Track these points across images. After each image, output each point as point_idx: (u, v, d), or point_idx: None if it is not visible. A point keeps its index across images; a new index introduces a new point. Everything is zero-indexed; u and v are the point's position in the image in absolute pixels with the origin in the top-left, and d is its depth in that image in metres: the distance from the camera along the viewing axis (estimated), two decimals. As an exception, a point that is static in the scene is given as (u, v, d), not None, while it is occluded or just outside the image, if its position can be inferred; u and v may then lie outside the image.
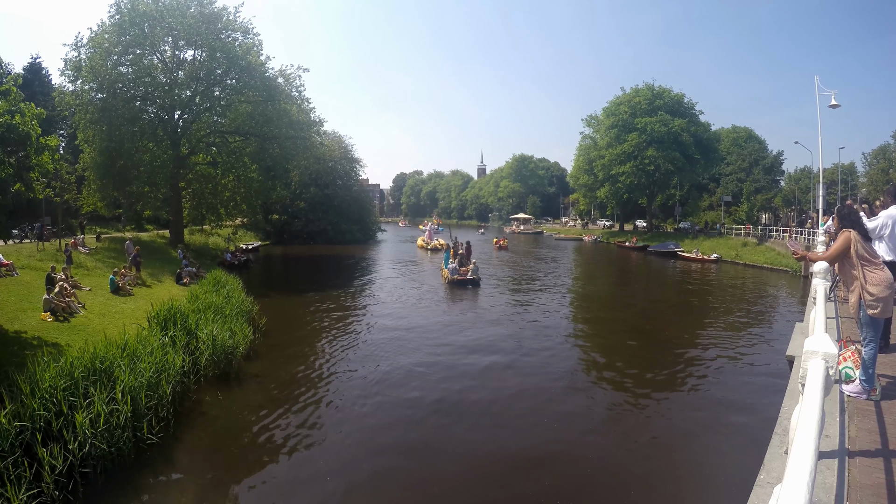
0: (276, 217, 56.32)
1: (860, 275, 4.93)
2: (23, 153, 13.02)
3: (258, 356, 13.61)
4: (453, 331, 16.69)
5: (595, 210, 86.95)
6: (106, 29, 30.03)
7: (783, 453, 3.74)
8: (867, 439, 4.00)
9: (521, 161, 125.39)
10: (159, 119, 32.86)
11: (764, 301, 24.13)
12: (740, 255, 39.79)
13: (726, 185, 65.25)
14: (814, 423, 2.22)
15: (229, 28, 32.47)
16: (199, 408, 10.24)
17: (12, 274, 16.92)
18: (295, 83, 36.14)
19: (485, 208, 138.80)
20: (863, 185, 57.07)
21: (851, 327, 7.14)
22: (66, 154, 37.89)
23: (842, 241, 5.12)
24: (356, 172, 66.11)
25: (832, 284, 8.13)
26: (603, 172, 61.17)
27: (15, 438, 7.03)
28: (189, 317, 13.39)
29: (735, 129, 71.13)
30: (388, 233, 75.32)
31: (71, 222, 34.42)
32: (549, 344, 15.37)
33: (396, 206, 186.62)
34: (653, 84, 60.94)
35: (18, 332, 11.50)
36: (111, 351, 9.77)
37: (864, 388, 4.83)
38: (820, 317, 4.68)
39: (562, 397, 11.10)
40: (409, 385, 11.59)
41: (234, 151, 35.31)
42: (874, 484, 3.34)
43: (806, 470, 1.88)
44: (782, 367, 10.24)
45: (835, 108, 23.20)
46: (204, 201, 36.66)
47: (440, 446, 8.83)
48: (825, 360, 3.02)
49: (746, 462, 7.05)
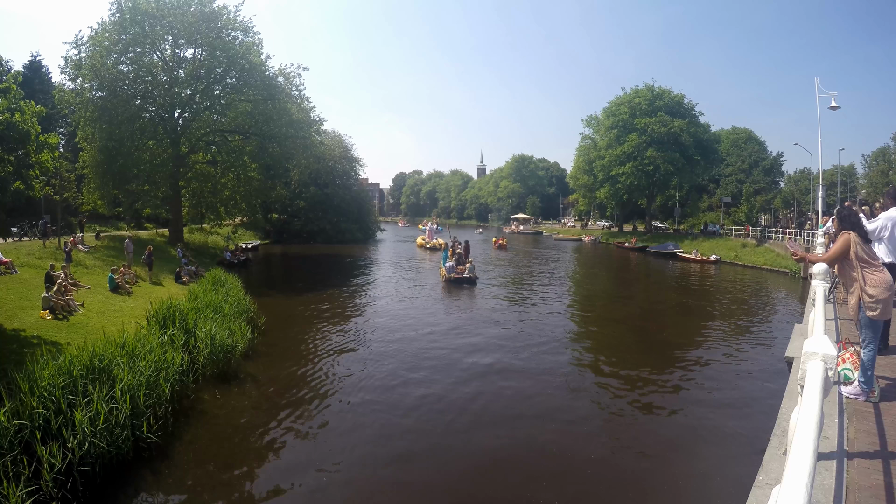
0: (276, 216, 56.37)
1: (860, 276, 4.93)
2: (22, 151, 13.03)
3: (257, 355, 13.60)
4: (452, 331, 16.68)
5: (595, 211, 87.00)
6: (106, 27, 30.04)
7: (782, 454, 3.75)
8: (866, 441, 4.00)
9: (521, 161, 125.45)
10: (159, 117, 32.84)
11: (763, 302, 24.15)
12: (739, 256, 39.82)
13: (726, 187, 65.32)
14: (813, 425, 2.23)
15: (229, 27, 32.48)
16: (198, 406, 10.23)
17: (11, 272, 16.91)
18: (295, 82, 36.17)
19: (484, 208, 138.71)
20: (862, 186, 57.16)
21: (850, 329, 7.15)
22: (65, 152, 37.79)
23: (841, 242, 5.12)
24: (356, 172, 66.15)
25: (831, 286, 8.14)
26: (603, 173, 61.24)
27: (14, 436, 7.02)
28: (188, 315, 13.36)
29: (735, 131, 71.17)
30: (387, 232, 75.36)
31: (70, 220, 34.39)
32: (548, 345, 15.36)
33: (396, 205, 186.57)
34: (653, 85, 61.08)
35: (17, 330, 11.50)
36: (110, 349, 9.74)
37: (863, 390, 4.84)
38: (819, 318, 4.69)
39: (560, 397, 11.10)
40: (407, 384, 11.59)
41: (233, 150, 35.31)
42: (873, 485, 3.35)
43: (805, 471, 1.89)
44: (781, 369, 10.25)
45: (835, 110, 23.20)
46: (203, 200, 36.63)
47: (439, 445, 8.82)
48: (824, 361, 3.03)
49: (745, 463, 7.07)
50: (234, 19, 32.62)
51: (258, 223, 47.97)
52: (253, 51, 33.08)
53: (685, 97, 60.37)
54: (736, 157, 66.57)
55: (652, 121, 56.59)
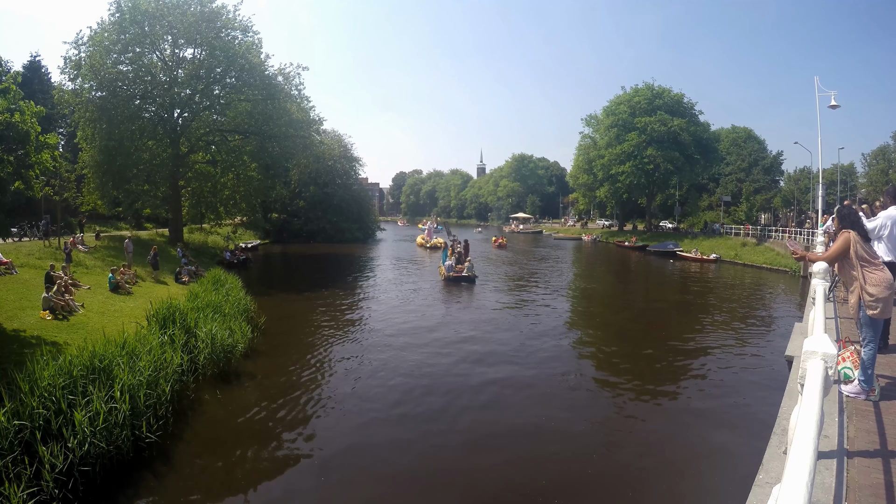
0: (276, 216, 56.32)
1: (860, 275, 4.93)
2: (22, 151, 13.01)
3: (257, 355, 13.60)
4: (452, 330, 16.68)
5: (594, 210, 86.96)
6: (106, 27, 30.03)
7: (782, 453, 3.75)
8: (866, 440, 4.00)
9: (521, 160, 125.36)
10: (159, 117, 32.82)
11: (763, 301, 24.15)
12: (739, 255, 39.82)
13: (725, 186, 65.24)
14: (813, 424, 2.22)
15: (229, 26, 32.48)
16: (198, 406, 10.24)
17: (11, 272, 16.90)
18: (294, 81, 36.20)
19: (484, 208, 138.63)
20: (862, 185, 57.14)
21: (850, 328, 7.15)
22: (65, 152, 37.77)
23: (841, 241, 5.12)
24: (356, 171, 66.17)
25: (831, 285, 8.13)
26: (602, 172, 61.23)
27: (14, 437, 7.02)
28: (188, 315, 13.37)
29: (734, 130, 71.02)
30: (386, 232, 75.38)
31: (70, 221, 34.38)
32: (548, 343, 15.38)
33: (396, 205, 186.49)
34: (652, 84, 61.03)
35: (17, 331, 11.50)
36: (110, 349, 9.74)
37: (863, 389, 4.83)
38: (819, 317, 4.68)
39: (559, 396, 11.11)
40: (407, 384, 11.59)
41: (233, 150, 35.28)
42: (873, 484, 3.34)
43: (805, 470, 1.88)
44: (781, 367, 10.24)
45: (834, 109, 23.16)
46: (203, 200, 36.58)
47: (439, 444, 8.83)
48: (824, 360, 3.02)
49: (745, 462, 7.06)
50: (233, 19, 32.62)
51: (258, 223, 47.92)
52: (252, 50, 33.07)
53: (684, 96, 60.45)
54: (736, 156, 66.48)
55: (652, 120, 56.57)
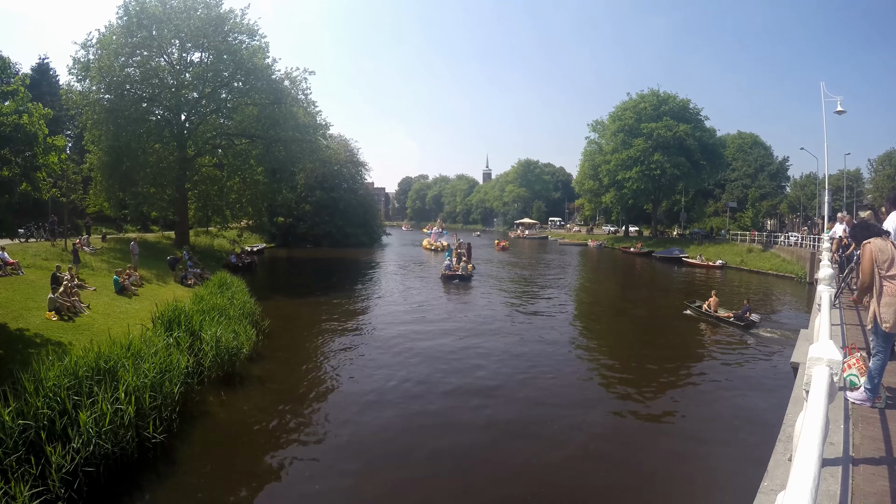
0: (282, 220, 56.45)
1: (877, 287, 4.88)
2: (30, 153, 13.14)
3: (262, 358, 13.62)
4: (457, 333, 16.66)
5: (600, 216, 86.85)
6: (114, 30, 30.27)
7: (787, 460, 3.73)
8: (871, 447, 3.97)
9: (527, 166, 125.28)
10: (166, 120, 33.06)
11: (769, 307, 23.97)
12: (745, 261, 39.62)
13: (731, 191, 65.08)
14: (818, 430, 2.22)
15: (236, 30, 32.65)
16: (203, 409, 10.25)
17: (17, 273, 17.00)
18: (301, 86, 36.33)
19: (490, 213, 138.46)
20: (868, 191, 56.86)
21: (856, 334, 7.11)
22: (72, 154, 38.04)
23: (866, 256, 5.06)
24: (362, 176, 66.28)
25: (837, 291, 8.10)
26: (608, 178, 61.12)
27: (18, 436, 7.05)
28: (193, 318, 13.41)
29: (740, 135, 70.90)
30: (392, 236, 75.48)
31: (77, 222, 34.57)
32: (552, 349, 15.36)
33: (402, 209, 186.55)
34: (658, 90, 61.03)
35: (23, 331, 11.55)
36: (115, 351, 9.77)
37: (869, 396, 4.80)
38: (825, 323, 4.67)
39: (564, 402, 11.08)
40: (411, 388, 11.58)
41: (240, 154, 35.46)
42: (878, 492, 3.32)
43: (809, 477, 1.88)
44: (787, 374, 10.18)
45: (841, 115, 23.14)
46: (209, 203, 36.74)
47: (442, 448, 8.80)
48: (830, 366, 3.01)
49: (750, 469, 7.01)
50: (240, 23, 32.78)
51: (264, 226, 48.03)
52: (259, 54, 33.24)
53: (690, 102, 60.29)
54: (741, 162, 66.34)
55: (658, 125, 56.48)
